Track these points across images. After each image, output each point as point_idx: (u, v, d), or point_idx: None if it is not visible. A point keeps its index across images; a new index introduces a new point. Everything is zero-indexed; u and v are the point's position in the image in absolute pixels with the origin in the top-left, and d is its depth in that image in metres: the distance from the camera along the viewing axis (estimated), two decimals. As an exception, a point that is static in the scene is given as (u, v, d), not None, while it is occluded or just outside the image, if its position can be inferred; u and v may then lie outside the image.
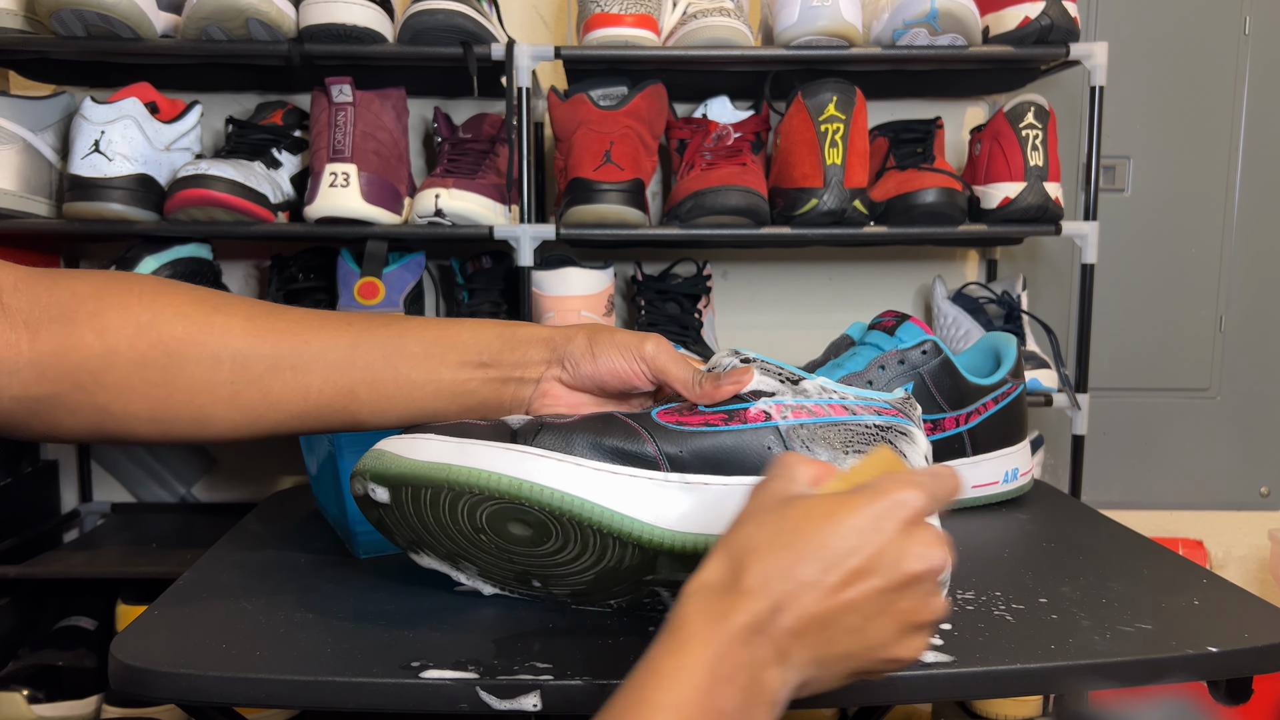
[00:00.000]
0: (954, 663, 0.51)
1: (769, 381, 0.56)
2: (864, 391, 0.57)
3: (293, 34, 1.24)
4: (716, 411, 0.55)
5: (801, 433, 0.54)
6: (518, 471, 0.52)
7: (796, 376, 0.57)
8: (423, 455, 0.53)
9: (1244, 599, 0.60)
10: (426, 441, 0.54)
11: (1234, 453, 1.66)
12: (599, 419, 0.55)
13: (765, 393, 0.55)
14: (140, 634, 0.55)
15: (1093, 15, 1.57)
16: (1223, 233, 1.62)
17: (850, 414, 0.55)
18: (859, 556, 0.41)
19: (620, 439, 0.53)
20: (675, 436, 0.54)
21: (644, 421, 0.54)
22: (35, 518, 1.49)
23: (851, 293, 1.60)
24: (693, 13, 1.27)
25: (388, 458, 0.54)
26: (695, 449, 0.54)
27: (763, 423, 0.54)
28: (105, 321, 0.52)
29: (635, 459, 0.53)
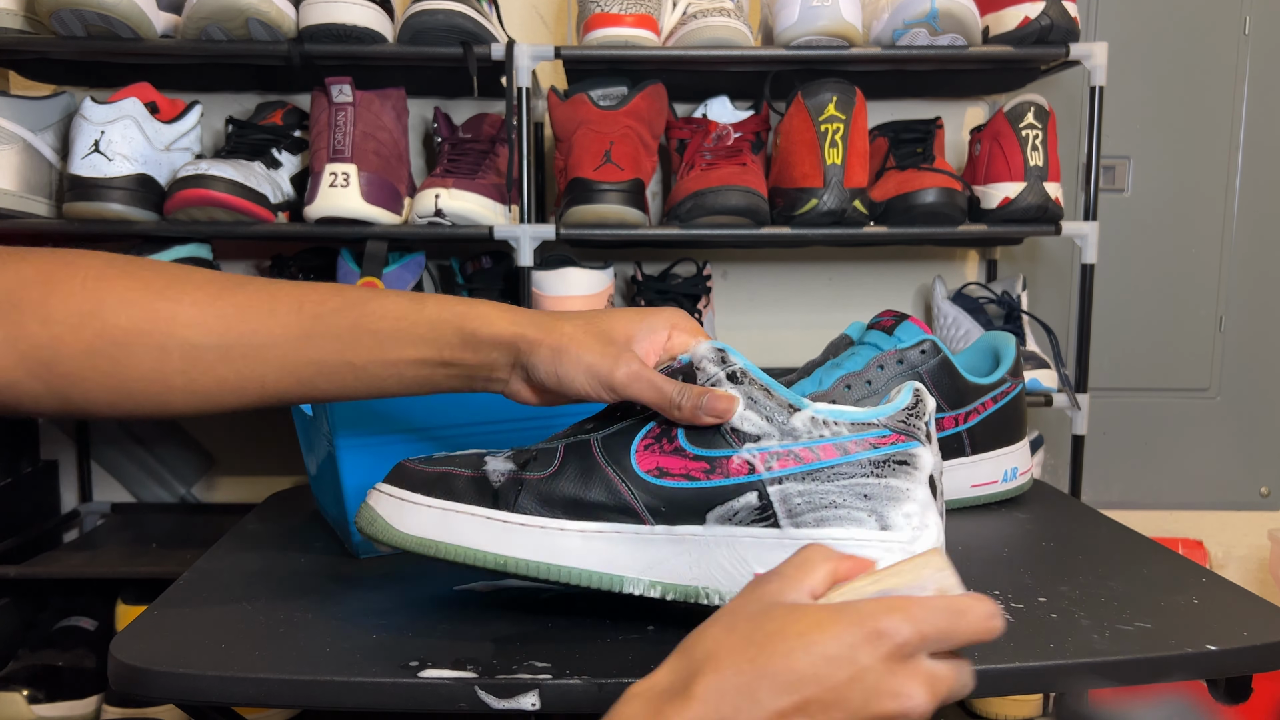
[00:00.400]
0: (953, 662, 0.51)
1: (754, 420, 0.51)
2: (861, 414, 0.52)
3: (293, 34, 1.24)
4: (699, 459, 0.52)
5: (792, 497, 0.51)
6: (503, 548, 0.53)
7: (786, 408, 0.52)
8: (412, 528, 0.54)
9: (1243, 598, 0.60)
10: (414, 507, 0.54)
11: (1234, 453, 1.66)
12: (578, 469, 0.53)
13: (750, 435, 0.51)
14: (140, 634, 0.55)
15: (1093, 15, 1.57)
16: (1223, 233, 1.62)
17: (844, 454, 0.51)
18: (821, 686, 0.37)
19: (602, 492, 0.52)
20: (656, 490, 0.52)
21: (625, 473, 0.52)
22: (35, 518, 1.49)
23: (851, 293, 1.60)
24: (693, 13, 1.27)
25: (379, 525, 0.54)
26: (678, 502, 0.52)
27: (746, 476, 0.51)
28: (50, 309, 0.51)
29: (619, 512, 0.52)
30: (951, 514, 0.80)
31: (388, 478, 0.56)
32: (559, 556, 0.52)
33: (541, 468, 0.53)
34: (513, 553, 0.52)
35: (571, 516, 0.52)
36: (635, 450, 0.52)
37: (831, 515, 0.51)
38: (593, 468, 0.53)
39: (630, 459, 0.52)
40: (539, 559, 0.52)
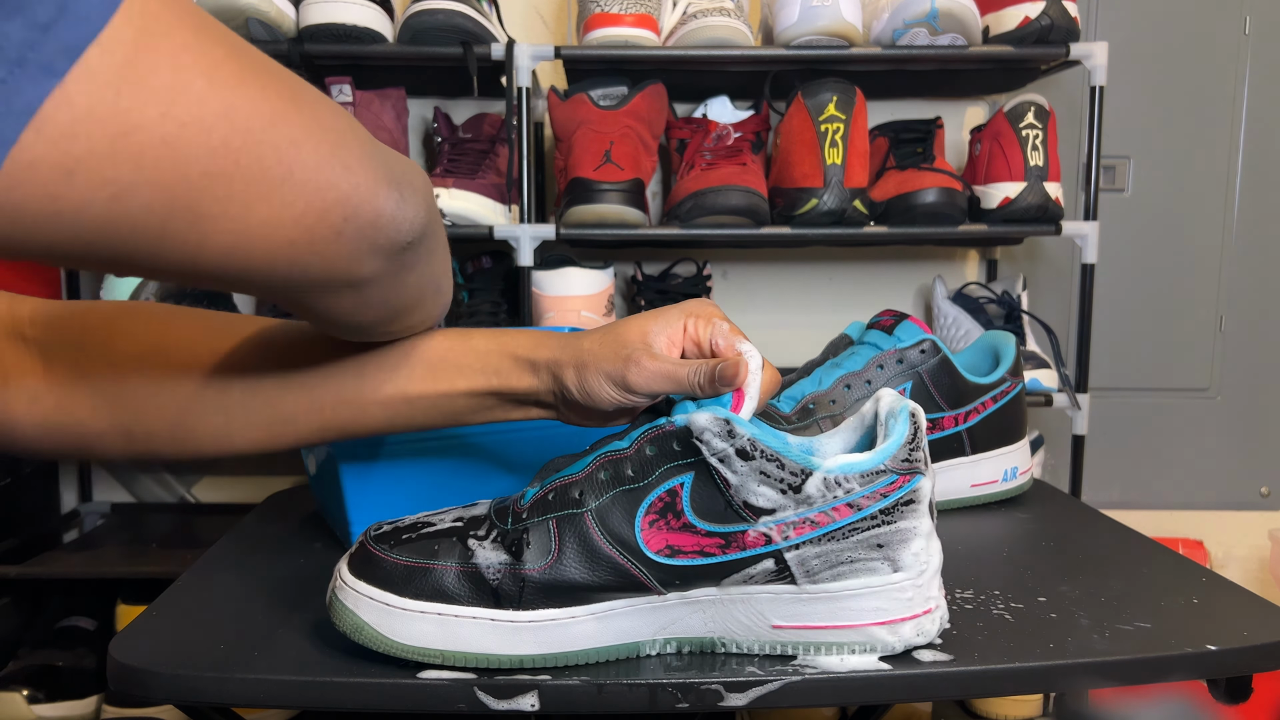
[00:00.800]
0: (953, 662, 0.51)
1: (768, 494, 0.49)
2: (867, 461, 0.51)
3: (293, 34, 1.24)
4: (712, 535, 0.50)
5: (810, 559, 0.50)
6: (515, 648, 0.50)
7: (799, 475, 0.50)
8: (408, 639, 0.49)
9: (1244, 598, 0.60)
10: (405, 614, 0.49)
11: (1234, 453, 1.66)
12: (580, 554, 0.50)
13: (764, 510, 0.49)
14: (139, 634, 0.55)
15: (1093, 15, 1.57)
16: (1223, 233, 1.62)
17: (857, 511, 0.50)
18: None
19: (609, 574, 0.50)
20: (669, 569, 0.50)
21: (634, 554, 0.49)
22: (35, 518, 1.49)
23: (851, 293, 1.60)
24: (693, 13, 1.27)
25: (367, 633, 0.50)
26: (692, 574, 0.50)
27: (763, 547, 0.50)
28: (114, 350, 0.53)
29: (630, 590, 0.50)
30: (952, 514, 0.80)
31: (355, 568, 0.51)
32: (575, 643, 0.50)
33: (539, 557, 0.50)
34: (526, 650, 0.50)
35: (581, 603, 0.50)
36: (640, 530, 0.50)
37: (848, 569, 0.51)
38: (596, 551, 0.49)
39: (637, 539, 0.50)
40: (555, 650, 0.50)
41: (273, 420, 0.55)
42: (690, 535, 0.50)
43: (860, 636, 0.51)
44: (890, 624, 0.51)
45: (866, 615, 0.51)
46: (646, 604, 0.51)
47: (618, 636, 0.51)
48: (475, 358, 0.55)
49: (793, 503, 0.50)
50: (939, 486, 0.79)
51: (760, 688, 0.49)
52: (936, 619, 0.53)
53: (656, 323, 0.54)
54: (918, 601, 0.51)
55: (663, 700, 0.49)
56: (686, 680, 0.49)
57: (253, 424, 0.55)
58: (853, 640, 0.51)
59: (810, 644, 0.51)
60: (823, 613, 0.51)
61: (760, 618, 0.51)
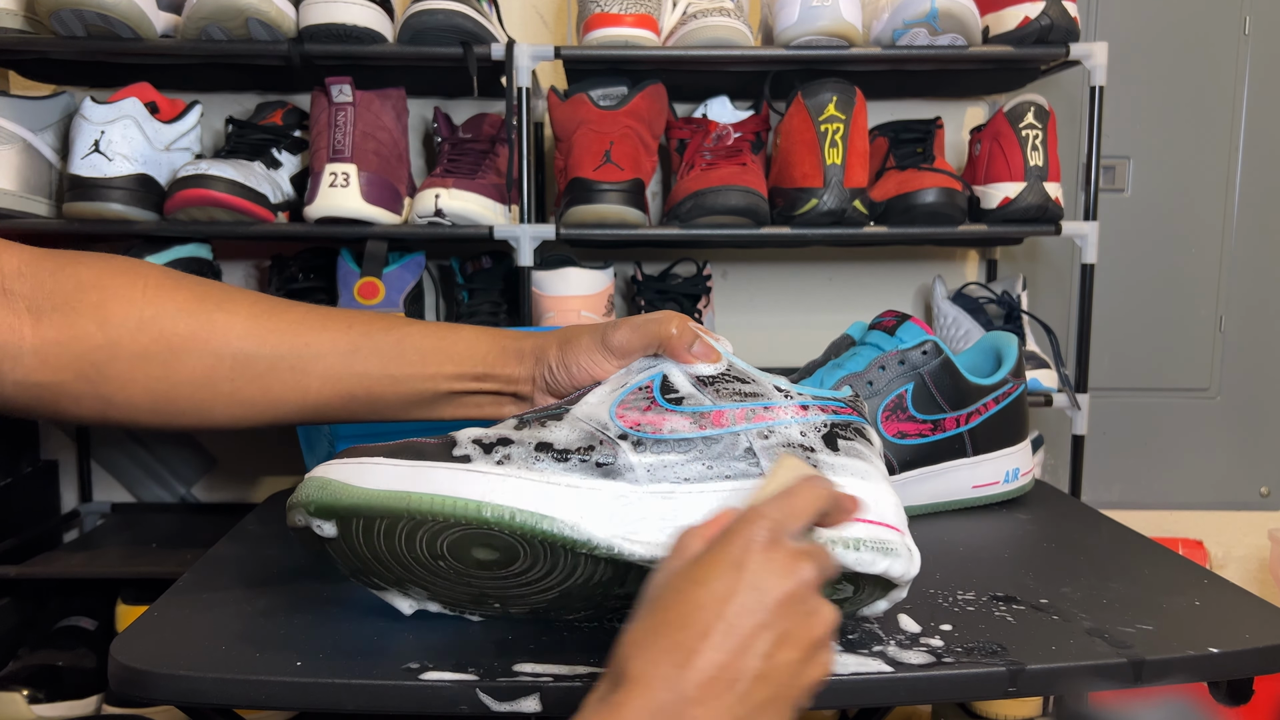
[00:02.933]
0: (954, 663, 0.51)
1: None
2: (819, 392, 0.56)
3: (293, 34, 1.24)
4: (682, 415, 0.53)
5: (769, 436, 0.53)
6: (486, 495, 0.48)
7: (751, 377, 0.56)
8: (376, 483, 0.48)
9: (1244, 599, 0.60)
10: (377, 467, 0.49)
11: (1234, 453, 1.66)
12: (561, 429, 0.52)
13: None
14: (140, 634, 0.55)
15: (1093, 15, 1.57)
16: (1223, 233, 1.62)
17: (813, 414, 0.55)
18: (731, 605, 0.40)
19: (584, 450, 0.51)
20: (642, 444, 0.51)
21: (607, 429, 0.52)
22: (35, 518, 1.49)
23: (851, 293, 1.60)
24: (693, 13, 1.26)
25: (334, 487, 0.48)
26: (665, 458, 0.51)
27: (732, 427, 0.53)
28: (108, 313, 0.52)
29: (604, 470, 0.50)
30: (953, 515, 0.80)
31: (336, 456, 0.51)
32: (546, 507, 0.48)
33: (517, 435, 0.52)
34: (497, 499, 0.48)
35: (558, 474, 0.50)
36: (614, 412, 0.54)
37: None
38: (575, 423, 0.53)
39: (610, 416, 0.53)
40: (526, 507, 0.48)
41: (257, 397, 0.55)
42: (663, 417, 0.53)
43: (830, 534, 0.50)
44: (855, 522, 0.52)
45: None
46: (617, 492, 0.50)
47: (592, 520, 0.48)
48: (466, 345, 0.58)
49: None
50: (941, 488, 0.80)
51: (762, 689, 0.49)
52: (904, 548, 0.52)
53: (631, 321, 0.58)
54: (871, 511, 0.53)
55: (664, 702, 0.49)
56: (688, 682, 0.49)
57: (238, 400, 0.55)
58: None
59: None
60: None
61: None
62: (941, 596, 0.61)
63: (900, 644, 0.53)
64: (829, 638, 0.42)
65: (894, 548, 0.50)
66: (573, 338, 0.57)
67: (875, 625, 0.56)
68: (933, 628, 0.56)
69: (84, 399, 0.53)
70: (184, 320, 0.54)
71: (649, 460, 0.51)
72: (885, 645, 0.53)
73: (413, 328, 0.58)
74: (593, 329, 0.57)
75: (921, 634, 0.55)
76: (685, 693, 0.38)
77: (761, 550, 0.41)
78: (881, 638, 0.54)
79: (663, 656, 0.39)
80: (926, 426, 0.78)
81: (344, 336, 0.56)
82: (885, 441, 0.77)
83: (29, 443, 1.53)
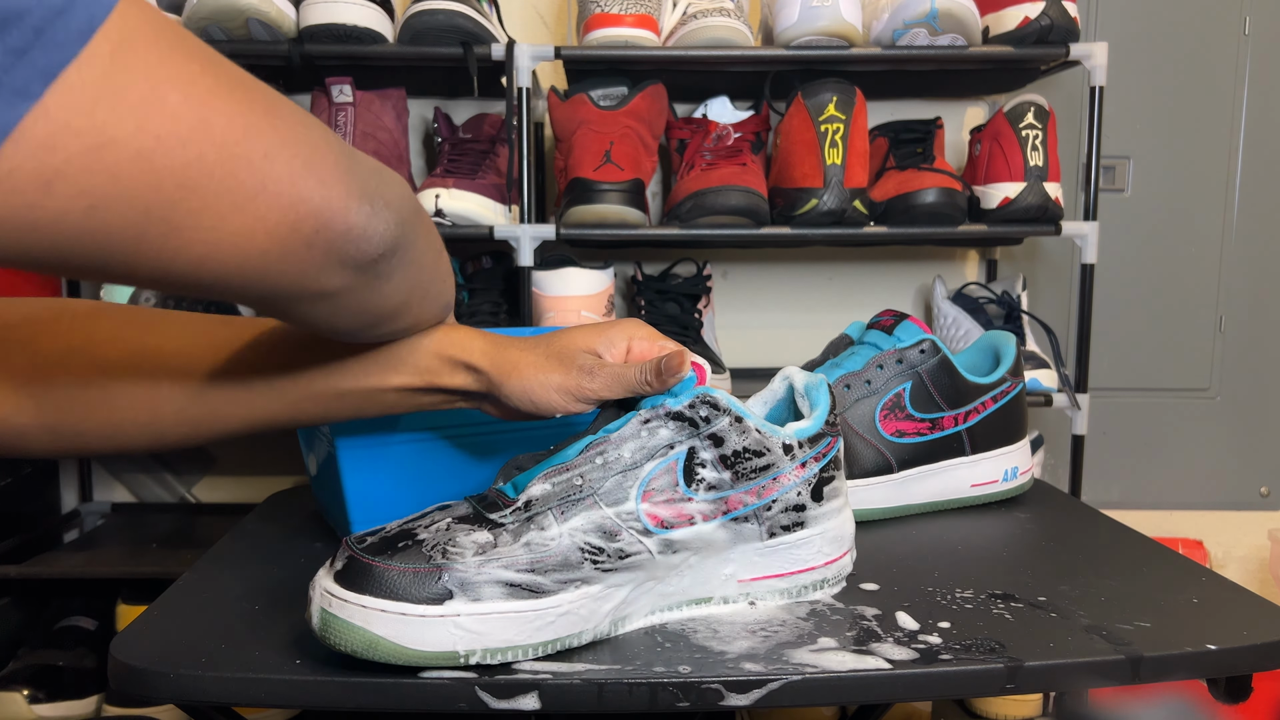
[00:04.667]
0: (953, 661, 0.51)
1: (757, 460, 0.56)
2: (809, 427, 0.58)
3: (293, 34, 1.24)
4: (704, 502, 0.55)
5: (774, 516, 0.58)
6: (538, 636, 0.51)
7: (775, 440, 0.57)
8: (428, 645, 0.49)
9: (1243, 597, 0.60)
10: (424, 624, 0.48)
11: (1234, 453, 1.66)
12: (591, 530, 0.52)
13: (749, 473, 0.56)
14: (140, 634, 0.55)
15: (1093, 15, 1.57)
16: (1223, 233, 1.62)
17: (807, 470, 0.59)
18: None
19: (614, 546, 0.53)
20: (669, 547, 0.54)
21: (637, 526, 0.53)
22: (35, 518, 1.49)
23: (851, 293, 1.60)
24: (693, 13, 1.27)
25: (384, 648, 0.48)
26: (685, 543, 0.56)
27: (742, 509, 0.56)
28: (38, 347, 0.52)
29: (629, 558, 0.53)
30: (952, 514, 0.80)
31: (350, 582, 0.49)
32: (591, 621, 0.53)
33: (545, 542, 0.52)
34: (547, 636, 0.51)
35: (590, 581, 0.52)
36: (641, 503, 0.53)
37: (798, 520, 0.60)
38: (603, 526, 0.53)
39: (639, 513, 0.53)
40: (571, 632, 0.52)
41: (202, 416, 0.55)
42: (687, 504, 0.54)
43: (808, 580, 0.59)
44: (826, 565, 0.60)
45: (809, 560, 0.59)
46: (642, 572, 0.54)
47: (620, 605, 0.54)
48: (408, 353, 0.56)
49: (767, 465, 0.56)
50: (940, 486, 0.80)
51: (761, 688, 0.49)
52: (849, 561, 0.62)
53: (600, 340, 0.57)
54: (838, 545, 0.61)
55: (663, 700, 0.49)
56: (687, 680, 0.49)
57: (183, 420, 0.54)
58: (801, 584, 0.59)
59: (769, 591, 0.59)
60: (778, 563, 0.58)
61: (729, 573, 0.58)
62: (940, 594, 0.61)
63: (899, 641, 0.53)
64: None
65: None
66: (533, 375, 0.55)
67: (874, 623, 0.56)
68: (931, 625, 0.56)
69: (29, 431, 0.52)
70: (114, 346, 0.53)
71: (668, 546, 0.54)
72: (884, 642, 0.53)
73: None
74: (560, 369, 0.55)
75: (920, 631, 0.55)
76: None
77: None
78: (880, 635, 0.54)
79: None
80: (924, 425, 0.78)
81: (278, 354, 0.55)
82: (884, 440, 0.77)
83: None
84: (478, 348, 0.56)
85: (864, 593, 0.61)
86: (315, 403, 0.56)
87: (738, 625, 0.56)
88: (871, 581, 0.63)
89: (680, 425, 0.54)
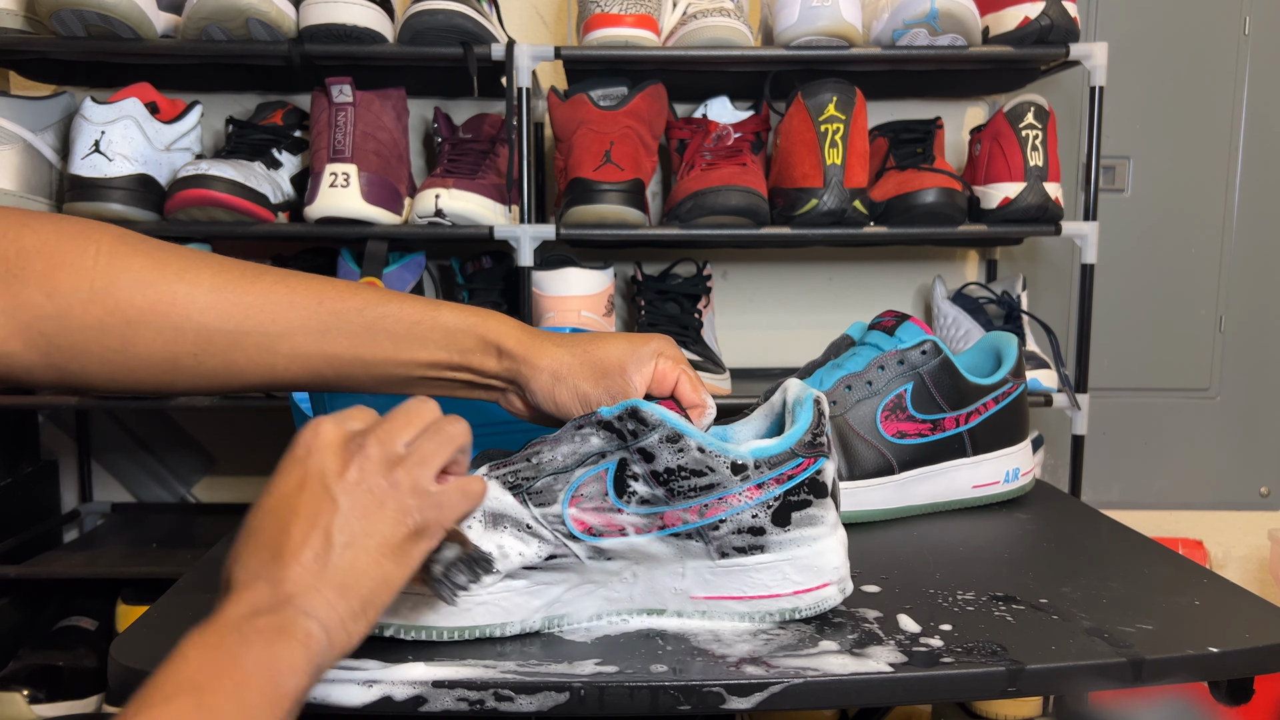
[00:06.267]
0: (954, 663, 0.51)
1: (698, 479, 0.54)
2: (775, 445, 0.55)
3: (293, 34, 1.24)
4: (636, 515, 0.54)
5: (725, 537, 0.55)
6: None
7: (719, 459, 0.55)
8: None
9: (1245, 599, 0.60)
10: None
11: (1234, 453, 1.66)
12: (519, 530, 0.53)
13: (689, 491, 0.54)
14: (140, 634, 0.55)
15: (1093, 15, 1.57)
16: (1223, 233, 1.62)
17: (765, 491, 0.56)
18: (303, 494, 0.44)
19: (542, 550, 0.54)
20: (597, 554, 0.54)
21: (563, 531, 0.54)
22: (35, 518, 1.49)
23: (851, 293, 1.60)
24: (693, 13, 1.26)
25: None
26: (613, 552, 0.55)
27: (680, 526, 0.55)
28: (55, 283, 0.49)
29: (560, 562, 0.54)
30: (953, 514, 0.80)
31: None
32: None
33: None
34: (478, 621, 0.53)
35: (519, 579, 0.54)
36: (567, 508, 0.54)
37: (757, 545, 0.56)
38: (531, 528, 0.54)
39: (564, 519, 0.54)
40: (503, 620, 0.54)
41: (220, 371, 0.53)
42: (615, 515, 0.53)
43: (773, 607, 0.56)
44: (796, 594, 0.56)
45: (773, 587, 0.56)
46: (574, 574, 0.54)
47: (553, 604, 0.54)
48: (442, 334, 0.55)
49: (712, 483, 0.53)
50: (941, 488, 0.80)
51: (763, 691, 0.49)
52: (836, 593, 0.57)
53: (633, 358, 0.57)
54: (813, 575, 0.56)
55: (664, 703, 0.49)
56: (688, 683, 0.49)
57: (201, 374, 0.53)
58: (764, 610, 0.56)
59: (726, 612, 0.56)
60: (734, 585, 0.56)
61: (681, 588, 0.56)
62: (941, 596, 0.61)
63: (900, 644, 0.53)
64: (413, 485, 0.46)
65: None
66: (565, 376, 0.56)
67: (875, 625, 0.56)
68: (932, 628, 0.56)
69: (36, 368, 0.50)
70: (141, 292, 0.50)
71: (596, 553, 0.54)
72: (885, 645, 0.53)
73: (387, 308, 0.55)
74: (590, 379, 0.56)
75: (921, 634, 0.55)
76: (281, 582, 0.42)
77: (325, 442, 0.46)
78: (881, 637, 0.54)
79: (254, 560, 0.43)
80: (926, 426, 0.78)
81: (313, 315, 0.54)
82: (885, 441, 0.77)
83: (29, 443, 1.53)
84: (513, 335, 0.56)
85: (865, 595, 0.61)
86: (338, 371, 0.55)
87: (739, 628, 0.56)
88: (873, 584, 0.63)
89: (610, 435, 0.53)
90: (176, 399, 1.23)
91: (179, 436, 1.58)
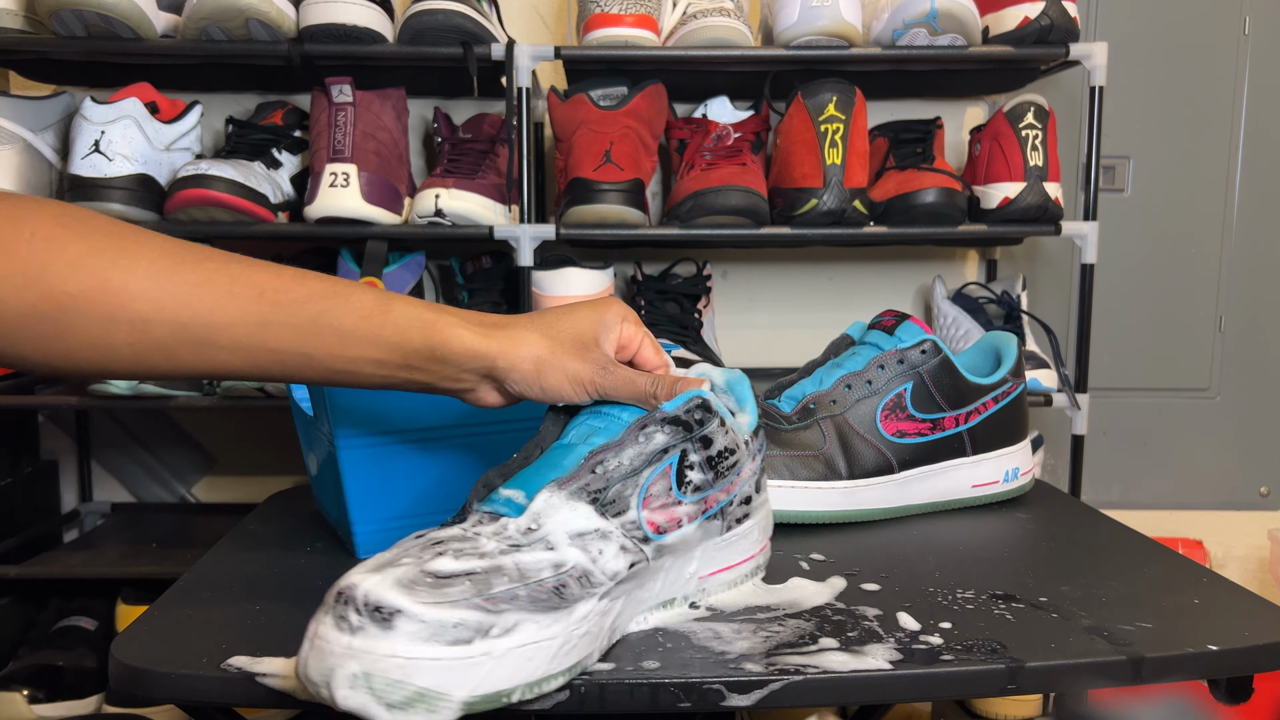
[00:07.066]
0: (954, 662, 0.51)
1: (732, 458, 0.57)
2: (750, 423, 0.60)
3: (293, 34, 1.24)
4: (690, 504, 0.55)
5: (733, 510, 0.59)
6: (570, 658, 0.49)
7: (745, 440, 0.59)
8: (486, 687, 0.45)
9: (1244, 598, 0.60)
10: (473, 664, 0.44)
11: (1234, 453, 1.66)
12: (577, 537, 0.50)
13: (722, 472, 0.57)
14: (140, 634, 0.55)
15: (1093, 15, 1.57)
16: (1223, 233, 1.62)
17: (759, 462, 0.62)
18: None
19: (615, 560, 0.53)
20: (663, 551, 0.54)
21: (638, 535, 0.52)
22: (35, 518, 1.49)
23: (851, 293, 1.60)
24: (693, 13, 1.27)
25: (430, 700, 0.43)
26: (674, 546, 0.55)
27: (715, 506, 0.57)
28: None
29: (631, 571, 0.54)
30: (952, 514, 0.80)
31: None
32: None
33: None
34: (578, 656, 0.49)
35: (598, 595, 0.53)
36: (642, 508, 0.52)
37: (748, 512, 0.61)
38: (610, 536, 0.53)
39: (639, 519, 0.52)
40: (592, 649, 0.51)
41: (161, 362, 0.51)
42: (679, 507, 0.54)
43: (749, 568, 0.61)
44: (761, 552, 0.62)
45: (747, 550, 0.60)
46: (634, 581, 0.53)
47: (616, 618, 0.53)
48: (393, 330, 0.53)
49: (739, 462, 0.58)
50: (941, 487, 0.80)
51: (763, 688, 0.49)
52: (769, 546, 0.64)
53: (602, 325, 0.57)
54: (765, 533, 0.63)
55: (664, 700, 0.49)
56: (688, 680, 0.49)
57: (141, 362, 0.51)
58: (743, 573, 0.61)
59: (720, 584, 0.59)
60: (729, 555, 0.59)
61: (692, 571, 0.58)
62: (941, 595, 0.61)
63: (899, 641, 0.53)
64: None
65: None
66: (549, 360, 0.54)
67: (875, 623, 0.56)
68: (932, 625, 0.56)
69: None
70: (74, 277, 0.48)
71: (659, 551, 0.54)
72: (885, 643, 0.53)
73: (334, 302, 0.52)
74: (575, 357, 0.54)
75: (921, 632, 0.55)
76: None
77: None
78: (881, 635, 0.54)
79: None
80: (925, 425, 0.78)
81: (253, 306, 0.51)
82: (884, 440, 0.77)
83: (29, 443, 1.53)
84: (472, 337, 0.53)
85: (865, 593, 0.61)
86: (283, 365, 0.52)
87: (739, 625, 0.56)
88: (872, 582, 0.63)
89: (675, 430, 0.53)
90: (176, 399, 1.23)
91: (179, 436, 1.58)
